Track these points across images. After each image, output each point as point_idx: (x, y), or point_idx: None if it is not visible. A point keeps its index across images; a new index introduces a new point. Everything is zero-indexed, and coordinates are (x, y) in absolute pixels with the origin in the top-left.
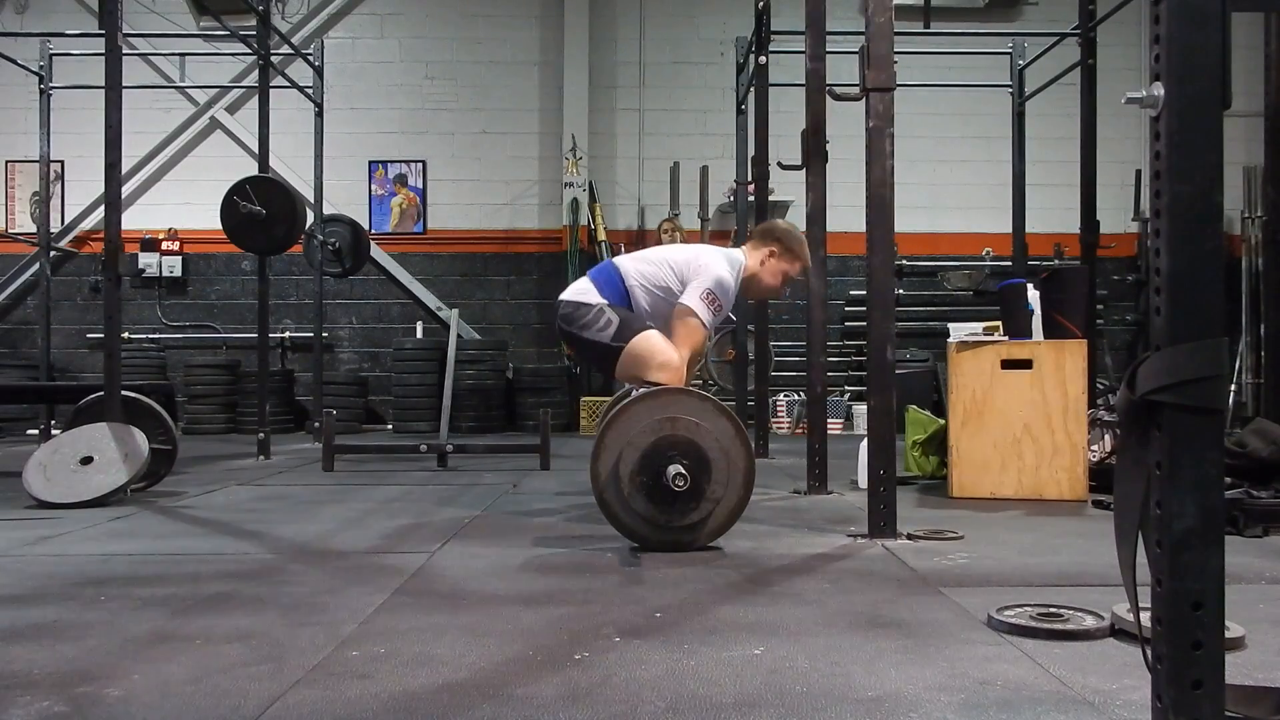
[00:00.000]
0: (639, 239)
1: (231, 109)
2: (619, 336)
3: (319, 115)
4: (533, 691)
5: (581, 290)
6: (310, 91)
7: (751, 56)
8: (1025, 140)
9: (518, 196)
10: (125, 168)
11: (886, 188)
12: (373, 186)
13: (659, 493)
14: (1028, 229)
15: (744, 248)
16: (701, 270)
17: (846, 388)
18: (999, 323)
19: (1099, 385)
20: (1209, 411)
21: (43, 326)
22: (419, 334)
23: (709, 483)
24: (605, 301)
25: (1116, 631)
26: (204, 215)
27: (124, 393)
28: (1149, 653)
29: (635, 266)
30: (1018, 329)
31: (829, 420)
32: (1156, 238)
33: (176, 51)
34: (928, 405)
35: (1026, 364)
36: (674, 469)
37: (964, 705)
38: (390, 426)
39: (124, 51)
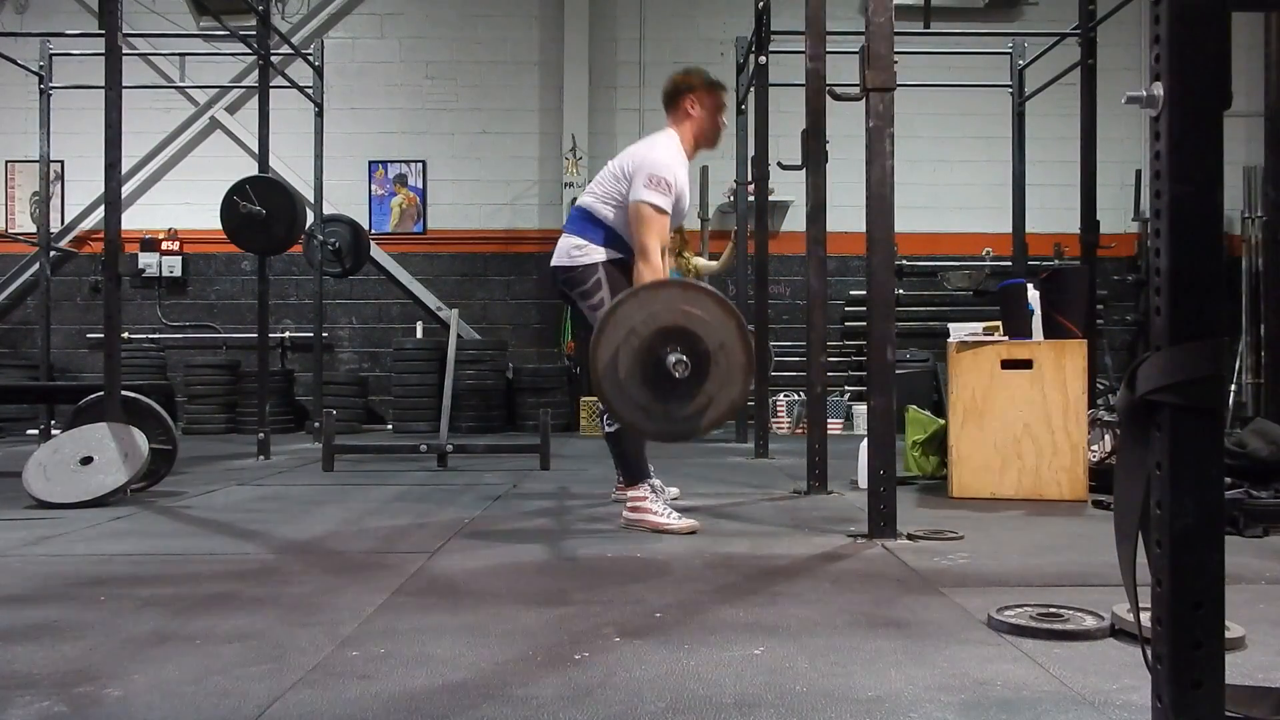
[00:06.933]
0: None
1: (231, 109)
2: None
3: (319, 115)
4: (533, 691)
5: (573, 248)
6: (310, 91)
7: (751, 56)
8: (1025, 140)
9: (518, 196)
10: (125, 168)
11: (886, 188)
12: (373, 186)
13: (659, 382)
14: (1028, 229)
15: (666, 125)
16: (639, 161)
17: (846, 388)
18: (999, 323)
19: (1099, 385)
20: (1209, 411)
21: (43, 326)
22: (419, 334)
23: (709, 370)
24: (601, 253)
25: (1116, 631)
26: (204, 215)
27: (124, 393)
28: (1149, 653)
29: (592, 195)
30: (1018, 329)
31: (829, 420)
32: (1156, 238)
33: (176, 51)
34: (928, 405)
35: (1026, 364)
36: (674, 356)
37: (964, 705)
38: (390, 426)
39: (124, 51)
